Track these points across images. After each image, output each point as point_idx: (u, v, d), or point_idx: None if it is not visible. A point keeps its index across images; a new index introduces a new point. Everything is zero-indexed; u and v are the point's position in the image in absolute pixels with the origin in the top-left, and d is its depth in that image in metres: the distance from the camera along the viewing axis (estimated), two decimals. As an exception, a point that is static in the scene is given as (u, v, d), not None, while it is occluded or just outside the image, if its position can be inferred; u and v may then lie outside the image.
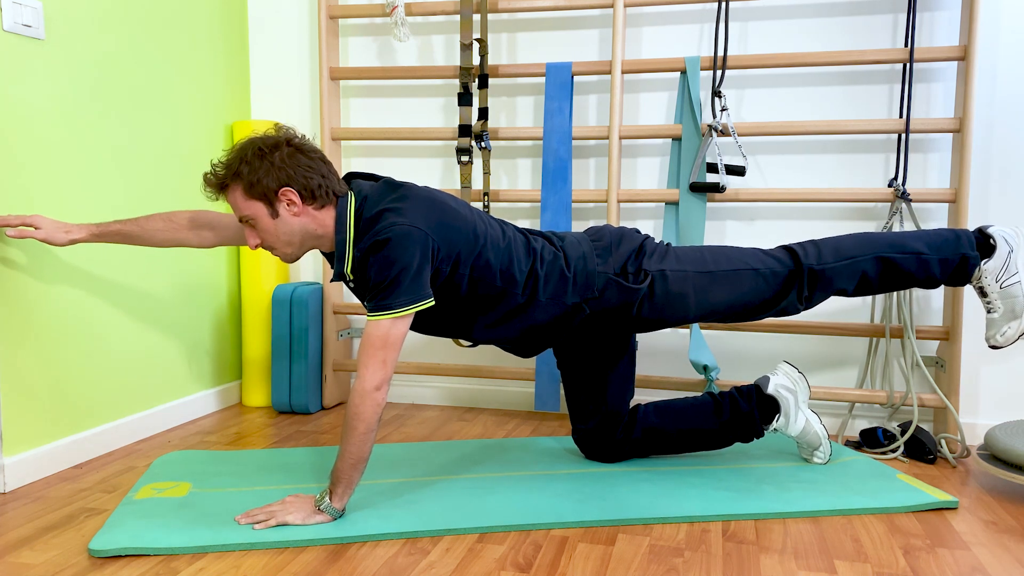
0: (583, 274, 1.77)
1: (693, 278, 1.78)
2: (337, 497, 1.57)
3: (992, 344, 1.80)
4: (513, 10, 2.42)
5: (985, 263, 1.78)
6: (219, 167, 1.64)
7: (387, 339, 1.54)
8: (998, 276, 1.77)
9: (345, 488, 1.57)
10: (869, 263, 1.78)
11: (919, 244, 1.78)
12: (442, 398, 2.68)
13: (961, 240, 1.79)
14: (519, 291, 1.73)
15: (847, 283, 1.79)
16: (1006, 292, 1.78)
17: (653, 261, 1.79)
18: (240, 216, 1.65)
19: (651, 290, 1.77)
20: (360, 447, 1.54)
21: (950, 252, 1.78)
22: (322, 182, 1.62)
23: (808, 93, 2.34)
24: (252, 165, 1.59)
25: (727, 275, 1.78)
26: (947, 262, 1.78)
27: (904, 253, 1.77)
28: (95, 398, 2.07)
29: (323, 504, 1.57)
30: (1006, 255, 1.77)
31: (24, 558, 1.45)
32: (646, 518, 1.62)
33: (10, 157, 1.80)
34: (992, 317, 1.80)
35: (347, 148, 2.69)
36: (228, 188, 1.63)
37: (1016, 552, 1.52)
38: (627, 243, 1.82)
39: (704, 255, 1.81)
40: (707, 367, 2.21)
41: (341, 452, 1.55)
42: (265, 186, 1.58)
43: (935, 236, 1.80)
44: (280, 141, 1.62)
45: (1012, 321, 1.78)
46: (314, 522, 1.56)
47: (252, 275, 2.55)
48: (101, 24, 2.05)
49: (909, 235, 1.81)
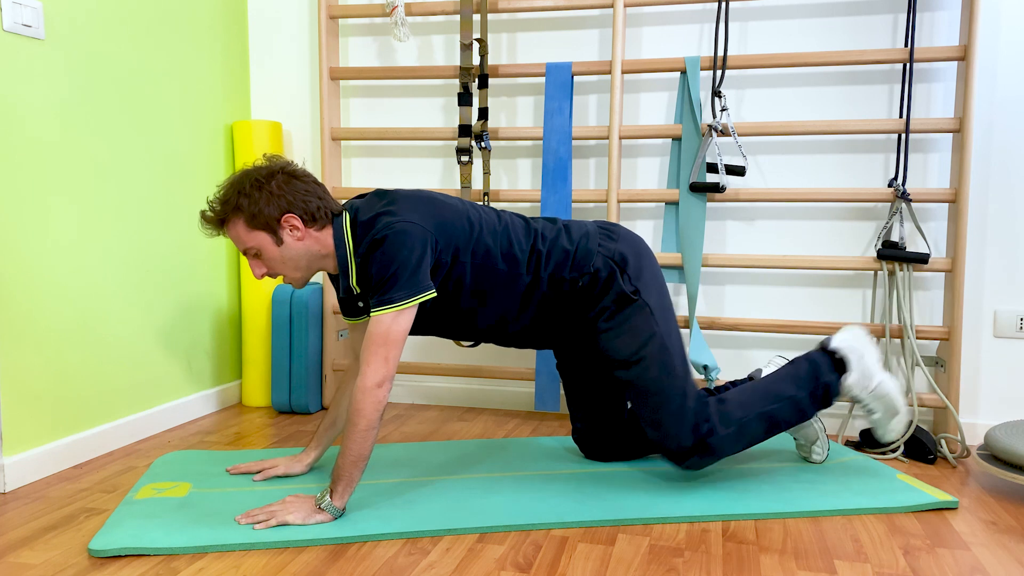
0: (583, 250, 1.76)
1: (656, 339, 1.72)
2: (338, 495, 1.57)
3: (886, 441, 1.85)
4: (513, 10, 2.42)
5: (845, 379, 1.81)
6: (215, 204, 1.64)
7: (388, 335, 1.54)
8: (863, 385, 1.82)
9: (346, 486, 1.57)
10: (755, 423, 1.76)
11: (789, 387, 1.78)
12: (442, 398, 2.68)
13: (820, 367, 1.80)
14: (523, 271, 1.73)
15: (733, 450, 1.76)
16: (876, 395, 1.83)
17: (650, 294, 1.75)
18: (244, 248, 1.65)
19: (628, 306, 1.73)
20: (361, 444, 1.54)
21: (814, 385, 1.79)
22: (320, 204, 1.65)
23: (808, 93, 2.34)
24: (252, 197, 1.60)
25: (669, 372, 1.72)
26: (815, 395, 1.79)
27: (780, 401, 1.77)
28: (95, 398, 2.07)
29: (324, 503, 1.57)
30: (859, 364, 1.81)
31: (24, 558, 1.45)
32: (646, 518, 1.62)
33: (10, 157, 1.80)
34: (875, 418, 1.86)
35: (347, 148, 2.69)
36: (228, 223, 1.64)
37: (1016, 552, 1.52)
38: (637, 256, 1.78)
39: (674, 341, 1.75)
40: (707, 367, 2.21)
41: (342, 449, 1.55)
42: (267, 215, 1.60)
43: (797, 372, 1.80)
44: (274, 170, 1.63)
45: (894, 418, 1.84)
46: (314, 521, 1.56)
47: (252, 276, 2.55)
48: (101, 24, 2.05)
49: (776, 379, 1.80)
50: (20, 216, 1.83)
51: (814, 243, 2.37)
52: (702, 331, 2.36)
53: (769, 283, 2.41)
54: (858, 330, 1.86)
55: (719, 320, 2.33)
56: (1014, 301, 2.23)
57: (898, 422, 1.84)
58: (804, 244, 2.37)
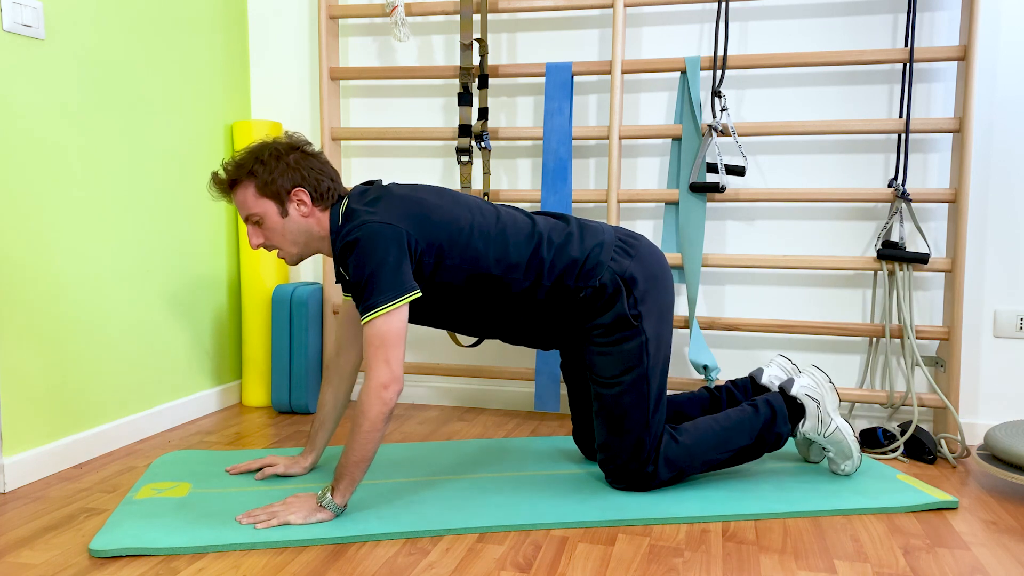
0: (594, 260, 1.72)
1: (640, 371, 1.71)
2: (339, 493, 1.57)
3: (838, 473, 1.89)
4: (513, 10, 2.42)
5: (802, 424, 1.83)
6: (230, 166, 1.69)
7: (384, 337, 1.54)
8: (818, 431, 1.84)
9: (348, 485, 1.57)
10: (696, 468, 1.78)
11: (743, 437, 1.79)
12: (442, 398, 2.68)
13: (776, 417, 1.81)
14: (520, 276, 1.70)
15: (664, 485, 1.78)
16: (831, 440, 1.86)
17: (650, 322, 1.73)
18: (247, 214, 1.68)
19: (624, 329, 1.71)
20: (364, 446, 1.54)
21: (767, 434, 1.80)
22: (331, 185, 1.70)
23: (808, 93, 2.34)
24: (268, 165, 1.65)
25: (639, 405, 1.72)
26: (765, 442, 1.81)
27: (729, 452, 1.78)
28: (95, 398, 2.07)
29: (325, 500, 1.57)
30: (816, 411, 1.83)
31: (24, 558, 1.45)
32: (646, 518, 1.62)
33: (10, 157, 1.80)
34: (830, 456, 1.89)
35: (347, 148, 2.69)
36: (239, 186, 1.68)
37: (1016, 552, 1.52)
38: (649, 279, 1.74)
39: (657, 375, 1.75)
40: (707, 367, 2.21)
41: (346, 449, 1.56)
42: (279, 185, 1.65)
43: (754, 421, 1.80)
44: (293, 145, 1.71)
45: (847, 460, 1.87)
46: (315, 520, 1.56)
47: (252, 275, 2.55)
48: (101, 24, 2.05)
49: (733, 426, 1.79)
50: (20, 216, 1.83)
51: (814, 243, 2.37)
52: (702, 331, 2.36)
53: (769, 283, 2.41)
54: (819, 375, 1.89)
55: (719, 320, 2.33)
56: (1014, 301, 2.23)
57: (849, 465, 1.87)
58: (804, 244, 2.37)
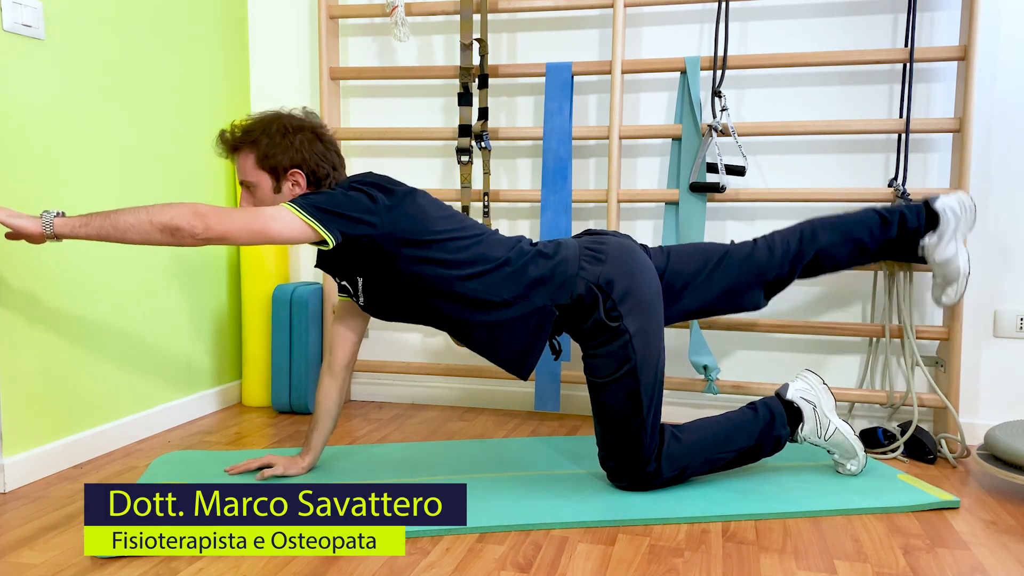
0: (561, 277, 1.69)
1: (629, 366, 1.68)
2: (69, 223, 1.46)
3: (845, 473, 1.89)
4: (513, 10, 2.42)
5: (801, 428, 1.84)
6: (238, 130, 1.68)
7: (268, 224, 1.50)
8: (818, 433, 1.84)
9: (81, 226, 1.46)
10: (698, 468, 1.78)
11: (743, 439, 1.79)
12: (442, 398, 2.68)
13: (774, 421, 1.81)
14: (483, 289, 1.67)
15: (668, 485, 1.77)
16: (832, 442, 1.85)
17: (633, 319, 1.68)
18: (243, 179, 1.69)
19: (606, 332, 1.69)
20: (131, 223, 1.45)
21: (766, 438, 1.80)
22: (332, 172, 1.70)
23: (808, 93, 2.34)
24: (273, 140, 1.65)
25: (634, 401, 1.69)
26: (765, 446, 1.81)
27: (729, 452, 1.78)
28: (95, 398, 2.07)
29: (46, 217, 1.47)
30: (813, 413, 1.84)
31: (24, 558, 1.45)
32: (646, 518, 1.62)
33: (10, 157, 1.80)
34: (833, 457, 1.90)
35: (347, 148, 2.69)
36: (241, 151, 1.68)
37: (1016, 552, 1.52)
38: (626, 276, 1.71)
39: (649, 369, 1.71)
40: (707, 367, 2.21)
41: (121, 210, 1.47)
42: (277, 162, 1.65)
43: (754, 423, 1.81)
44: (304, 125, 1.68)
45: (852, 459, 1.88)
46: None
47: (252, 275, 2.55)
48: (101, 24, 2.05)
49: (733, 428, 1.81)
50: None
51: (814, 243, 2.36)
52: (702, 331, 2.36)
53: (769, 283, 2.40)
54: (813, 378, 1.89)
55: (719, 320, 2.33)
56: (1014, 301, 2.23)
57: (855, 464, 1.87)
58: (804, 244, 2.37)
